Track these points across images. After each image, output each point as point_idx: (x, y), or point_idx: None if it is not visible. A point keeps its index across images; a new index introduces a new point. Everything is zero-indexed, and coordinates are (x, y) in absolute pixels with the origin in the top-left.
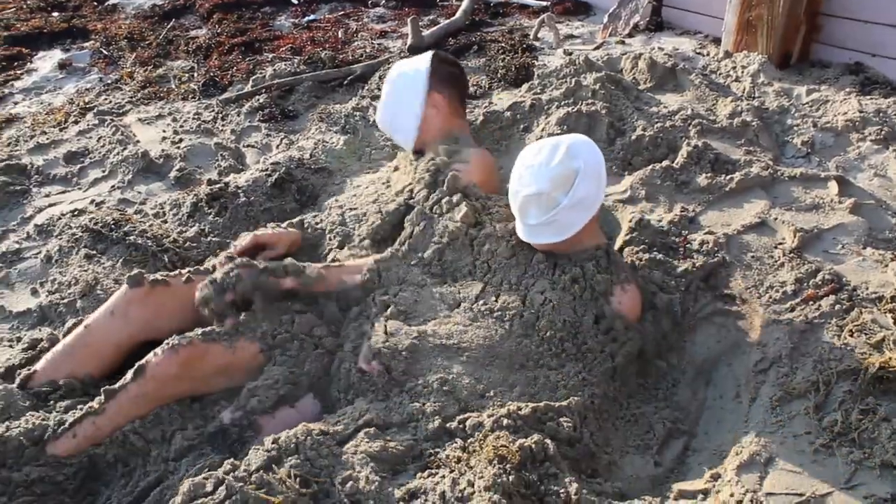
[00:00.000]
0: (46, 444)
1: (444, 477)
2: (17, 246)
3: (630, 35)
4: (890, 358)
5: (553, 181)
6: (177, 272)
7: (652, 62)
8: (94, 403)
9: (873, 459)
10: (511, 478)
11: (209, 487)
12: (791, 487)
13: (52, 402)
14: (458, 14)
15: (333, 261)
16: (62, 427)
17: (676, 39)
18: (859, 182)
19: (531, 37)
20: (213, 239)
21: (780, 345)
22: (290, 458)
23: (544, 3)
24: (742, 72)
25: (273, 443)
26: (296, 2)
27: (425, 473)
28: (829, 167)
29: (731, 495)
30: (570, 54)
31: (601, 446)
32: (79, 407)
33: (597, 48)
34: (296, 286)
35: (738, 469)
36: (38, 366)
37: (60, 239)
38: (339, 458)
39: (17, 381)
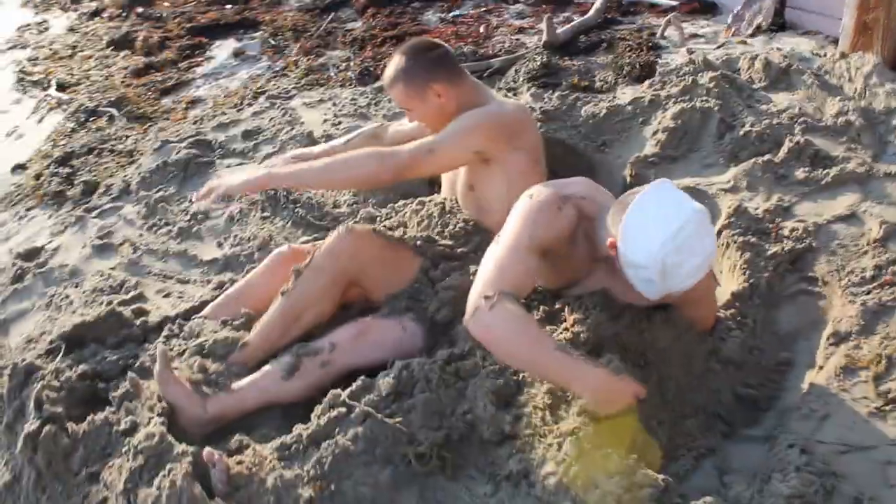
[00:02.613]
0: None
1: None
2: (205, 207)
3: (752, 35)
4: None
5: None
6: None
7: (767, 62)
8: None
9: None
10: None
11: (344, 409)
12: (840, 439)
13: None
14: (590, 12)
15: None
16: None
17: (796, 40)
18: None
19: (657, 35)
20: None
21: (852, 322)
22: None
23: (673, 3)
24: (855, 73)
25: (405, 369)
26: None
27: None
28: None
29: (790, 444)
30: (692, 53)
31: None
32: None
33: (718, 47)
34: None
35: (797, 419)
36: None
37: (241, 202)
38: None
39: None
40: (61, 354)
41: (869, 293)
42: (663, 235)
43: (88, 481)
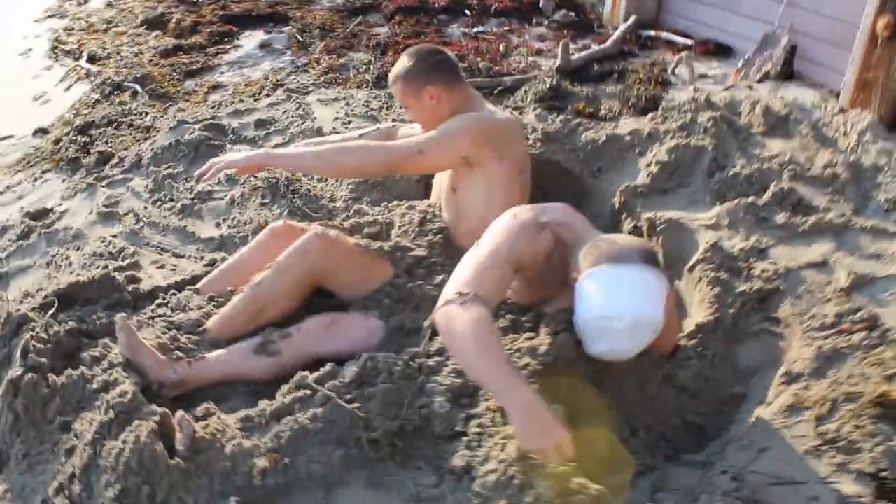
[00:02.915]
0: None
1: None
2: (209, 188)
3: (760, 81)
4: (889, 391)
5: None
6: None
7: (767, 109)
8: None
9: (852, 465)
10: None
11: (308, 391)
12: (774, 471)
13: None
14: (608, 42)
15: None
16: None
17: (801, 90)
18: None
19: (668, 72)
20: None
21: (806, 364)
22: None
23: (689, 42)
24: (851, 128)
25: (370, 360)
26: (468, 13)
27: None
28: None
29: (723, 470)
30: (697, 92)
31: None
32: None
33: (725, 89)
34: None
35: (737, 449)
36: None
37: (244, 187)
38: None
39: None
40: (53, 309)
41: (826, 338)
42: (598, 314)
43: (61, 429)
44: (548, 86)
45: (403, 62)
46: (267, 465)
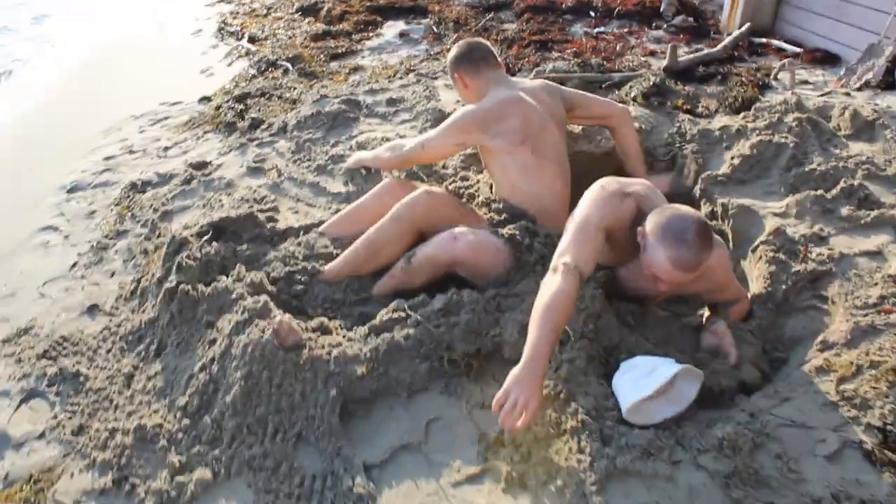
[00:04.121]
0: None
1: None
2: (342, 153)
3: (859, 89)
4: None
5: None
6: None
7: (855, 113)
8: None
9: (863, 419)
10: None
11: (403, 314)
12: (789, 417)
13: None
14: (718, 46)
15: None
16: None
17: None
18: None
19: (771, 77)
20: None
21: (842, 335)
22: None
23: (797, 50)
24: None
25: (455, 294)
26: (593, 14)
27: None
28: None
29: (742, 409)
30: (794, 96)
31: None
32: None
33: (821, 95)
34: None
35: (762, 397)
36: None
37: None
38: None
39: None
40: (207, 237)
41: (866, 316)
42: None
43: (206, 326)
44: (651, 83)
45: (450, 53)
46: (365, 371)
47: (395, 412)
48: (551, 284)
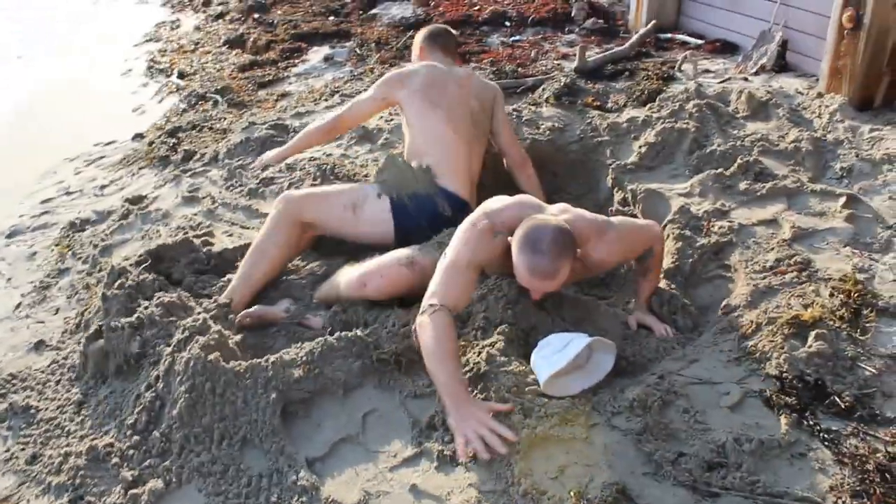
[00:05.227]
0: None
1: None
2: (272, 175)
3: (756, 74)
4: (801, 314)
5: None
6: None
7: (750, 95)
8: None
9: (761, 370)
10: None
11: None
12: (696, 376)
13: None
14: (625, 45)
15: None
16: None
17: (790, 80)
18: (873, 202)
19: (675, 69)
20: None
21: (743, 298)
22: None
23: (699, 42)
24: (824, 110)
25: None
26: (508, 24)
27: None
28: (852, 188)
29: (653, 373)
30: (696, 85)
31: None
32: None
33: (721, 82)
34: None
35: (671, 360)
36: None
37: (301, 171)
38: None
39: None
40: (145, 265)
41: (764, 278)
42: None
43: (148, 350)
44: (562, 84)
45: (423, 29)
46: (302, 374)
47: (332, 409)
48: (427, 329)
